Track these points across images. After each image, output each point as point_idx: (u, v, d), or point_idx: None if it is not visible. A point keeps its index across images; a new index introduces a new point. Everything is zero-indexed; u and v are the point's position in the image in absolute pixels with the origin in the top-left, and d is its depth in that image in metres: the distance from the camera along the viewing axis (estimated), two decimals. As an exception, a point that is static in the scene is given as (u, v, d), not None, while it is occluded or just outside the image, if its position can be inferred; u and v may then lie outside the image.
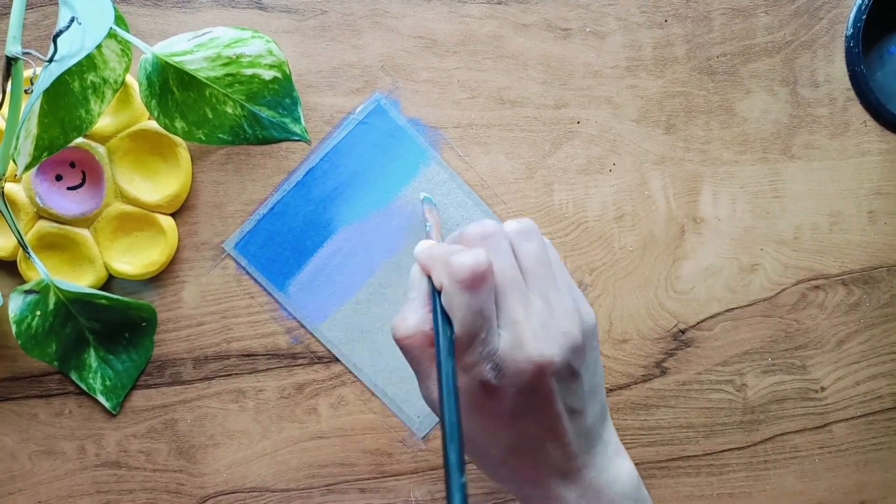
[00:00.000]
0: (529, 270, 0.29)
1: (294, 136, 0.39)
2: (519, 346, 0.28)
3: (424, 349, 0.29)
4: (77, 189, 0.41)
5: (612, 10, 0.43)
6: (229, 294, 0.42)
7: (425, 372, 0.30)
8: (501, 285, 0.29)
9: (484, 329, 0.28)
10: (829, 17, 0.44)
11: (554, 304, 0.29)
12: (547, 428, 0.29)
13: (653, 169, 0.43)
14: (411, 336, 0.29)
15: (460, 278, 0.28)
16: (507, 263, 0.29)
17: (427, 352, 0.30)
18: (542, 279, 0.29)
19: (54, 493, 0.42)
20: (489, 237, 0.30)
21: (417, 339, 0.29)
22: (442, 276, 0.29)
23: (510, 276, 0.29)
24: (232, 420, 0.43)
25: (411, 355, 0.30)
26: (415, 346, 0.29)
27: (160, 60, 0.37)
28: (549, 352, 0.28)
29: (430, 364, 0.30)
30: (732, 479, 0.44)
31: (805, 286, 0.44)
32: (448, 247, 0.30)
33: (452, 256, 0.29)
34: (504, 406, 0.28)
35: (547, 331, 0.28)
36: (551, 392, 0.28)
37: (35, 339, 0.40)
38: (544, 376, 0.28)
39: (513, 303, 0.28)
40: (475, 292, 0.28)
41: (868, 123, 0.44)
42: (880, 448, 0.45)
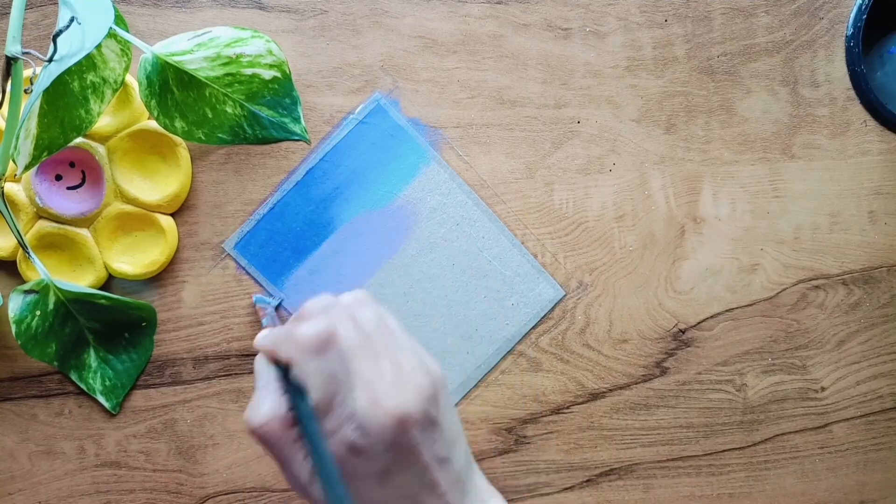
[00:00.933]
0: (371, 335, 0.31)
1: (294, 135, 0.39)
2: (376, 402, 0.29)
3: (283, 433, 0.30)
4: (77, 189, 0.41)
5: (612, 10, 0.43)
6: (229, 294, 0.42)
7: (288, 456, 0.30)
8: (349, 350, 0.30)
9: (340, 391, 0.29)
10: (829, 16, 0.44)
11: (401, 362, 0.30)
12: (420, 481, 0.30)
13: (653, 169, 0.43)
14: (268, 422, 0.30)
15: (307, 346, 0.29)
16: (351, 330, 0.30)
17: (286, 434, 0.30)
18: (385, 342, 0.31)
19: (54, 493, 0.42)
20: (328, 308, 0.31)
21: (274, 424, 0.30)
22: (289, 351, 0.30)
23: (355, 340, 0.30)
24: (232, 420, 0.42)
25: (271, 442, 0.30)
26: (273, 432, 0.30)
27: (160, 60, 0.37)
28: (406, 403, 0.29)
29: (293, 446, 0.30)
30: (732, 479, 0.44)
31: (805, 286, 0.44)
32: (287, 325, 0.32)
33: (295, 330, 0.30)
34: (375, 466, 0.29)
35: (400, 385, 0.29)
36: (417, 444, 0.29)
37: (35, 339, 0.39)
38: (407, 428, 0.29)
39: (363, 364, 0.29)
40: (324, 356, 0.29)
41: (868, 123, 0.44)
42: (880, 448, 0.45)
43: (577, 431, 0.44)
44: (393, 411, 0.28)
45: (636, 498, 0.44)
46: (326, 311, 0.31)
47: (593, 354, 0.43)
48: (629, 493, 0.44)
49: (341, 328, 0.30)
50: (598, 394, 0.44)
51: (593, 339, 0.43)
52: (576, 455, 0.44)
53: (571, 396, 0.43)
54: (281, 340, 0.31)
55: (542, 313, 0.43)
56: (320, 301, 0.32)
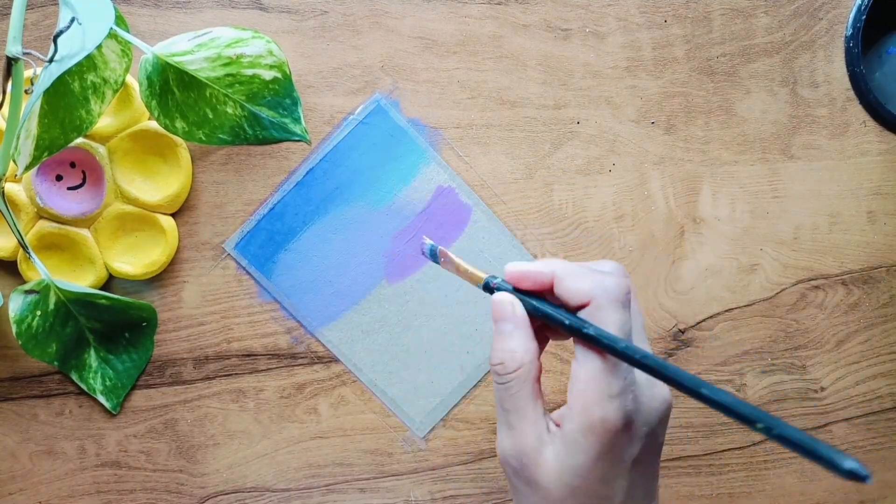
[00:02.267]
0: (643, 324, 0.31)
1: (294, 136, 0.39)
2: (653, 382, 0.28)
3: (528, 383, 0.28)
4: (77, 189, 0.41)
5: (611, 11, 0.43)
6: (230, 294, 0.42)
7: (521, 411, 0.28)
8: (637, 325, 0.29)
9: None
10: (828, 17, 0.44)
11: None
12: (649, 482, 0.29)
13: (652, 169, 0.43)
14: (520, 368, 0.28)
15: (618, 296, 0.27)
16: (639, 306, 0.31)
17: (529, 386, 0.28)
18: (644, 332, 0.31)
19: (55, 493, 0.42)
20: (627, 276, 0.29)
21: (524, 371, 0.28)
22: (593, 290, 0.27)
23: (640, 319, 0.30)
24: (232, 420, 0.43)
25: (513, 390, 0.28)
26: (520, 379, 0.28)
27: (160, 60, 0.37)
28: (670, 395, 0.28)
29: (528, 402, 0.28)
30: (732, 478, 0.44)
31: (805, 286, 0.44)
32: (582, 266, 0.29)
33: (603, 277, 0.28)
34: (631, 450, 0.27)
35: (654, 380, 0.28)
36: (662, 443, 0.28)
37: (35, 339, 0.40)
38: (666, 421, 0.28)
39: (642, 341, 0.29)
40: (626, 313, 0.27)
41: (867, 124, 0.44)
42: (880, 448, 0.45)
43: (576, 431, 0.44)
44: (667, 396, 0.28)
45: (636, 498, 0.44)
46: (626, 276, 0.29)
47: (593, 354, 0.43)
48: (629, 492, 0.44)
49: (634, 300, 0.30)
50: (597, 394, 0.44)
51: (593, 339, 0.43)
52: (575, 455, 0.44)
53: (571, 396, 0.44)
54: (579, 275, 0.28)
55: (541, 313, 0.43)
56: (620, 267, 0.30)
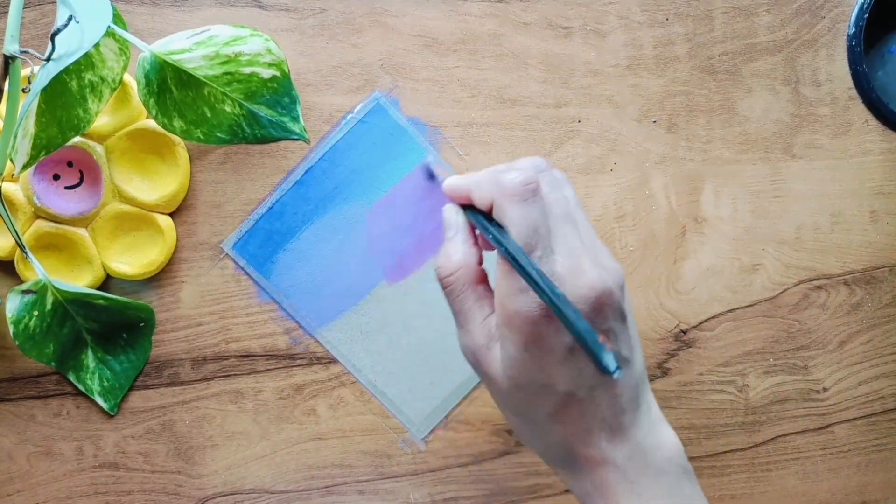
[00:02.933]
0: (574, 211, 0.30)
1: (293, 135, 0.39)
2: (578, 271, 0.27)
3: (469, 285, 0.29)
4: (75, 188, 0.41)
5: (612, 9, 0.43)
6: (228, 294, 0.42)
7: (468, 313, 0.29)
8: (558, 214, 0.28)
9: (539, 246, 0.28)
10: (830, 16, 0.44)
11: (596, 244, 0.29)
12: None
13: (654, 168, 0.43)
14: (456, 272, 0.29)
15: (512, 191, 0.28)
16: (562, 195, 0.29)
17: (472, 289, 0.29)
18: (585, 224, 0.30)
19: (52, 494, 0.42)
20: (542, 170, 0.30)
21: (462, 274, 0.29)
22: (493, 191, 0.29)
23: (564, 207, 0.29)
24: (230, 421, 0.42)
25: (456, 293, 0.29)
26: (460, 282, 0.29)
27: (158, 59, 0.37)
28: (608, 282, 0.27)
29: (475, 304, 0.29)
30: (734, 480, 0.44)
31: (807, 286, 0.44)
32: (488, 170, 0.30)
33: (501, 174, 0.29)
34: (563, 338, 0.27)
35: (600, 264, 0.28)
36: (609, 328, 0.28)
37: (33, 340, 0.39)
38: (603, 307, 0.27)
39: (568, 232, 0.28)
40: (528, 205, 0.28)
41: (870, 123, 0.44)
42: (882, 449, 0.45)
43: (577, 432, 0.43)
44: (596, 284, 0.27)
45: (637, 499, 0.44)
46: (540, 171, 0.30)
47: (594, 355, 0.43)
48: (630, 494, 0.44)
49: (553, 193, 0.29)
50: (598, 394, 0.43)
51: (594, 340, 0.43)
52: (576, 456, 0.43)
53: (572, 397, 0.43)
54: (483, 181, 0.29)
55: (542, 313, 0.43)
56: (535, 160, 0.30)
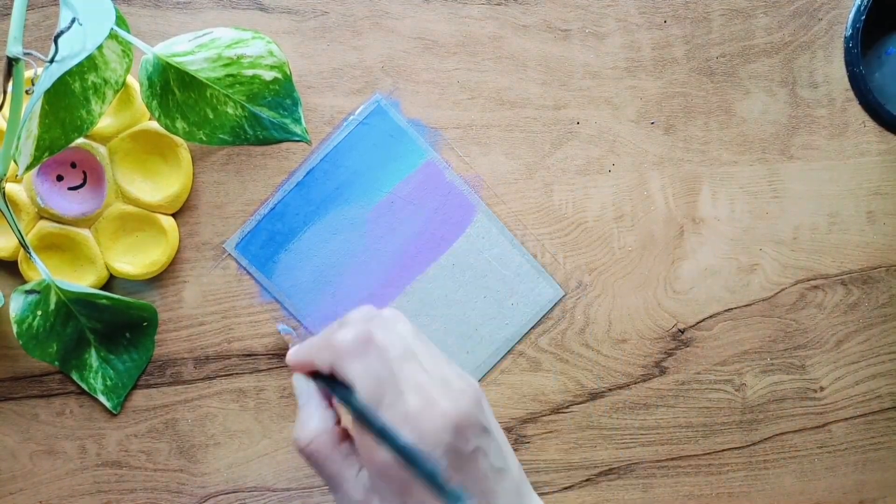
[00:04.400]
0: (412, 345, 0.30)
1: (294, 136, 0.40)
2: (431, 404, 0.27)
3: (333, 448, 0.29)
4: (78, 189, 0.41)
5: (611, 11, 0.43)
6: (230, 294, 0.42)
7: (340, 473, 0.29)
8: (396, 356, 0.29)
9: (387, 394, 0.28)
10: (827, 17, 0.44)
11: (444, 370, 0.29)
12: (480, 491, 0.28)
13: (652, 169, 0.44)
14: (316, 438, 0.29)
15: (347, 349, 0.29)
16: (395, 336, 0.29)
17: (336, 450, 0.29)
18: (425, 351, 0.30)
19: (55, 492, 0.42)
20: (371, 318, 0.30)
21: (324, 439, 0.29)
22: (329, 356, 0.29)
23: (401, 346, 0.29)
24: (233, 420, 0.43)
25: (321, 459, 0.29)
26: (323, 447, 0.29)
27: (161, 61, 0.37)
28: (461, 404, 0.28)
29: (344, 462, 0.29)
30: (731, 478, 0.44)
31: (804, 286, 0.44)
32: (323, 334, 0.31)
33: (331, 336, 0.29)
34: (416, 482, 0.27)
35: (450, 390, 0.28)
36: (475, 448, 0.28)
37: (36, 339, 0.40)
38: (464, 429, 0.27)
39: (411, 369, 0.28)
40: (365, 358, 0.28)
41: (867, 124, 0.44)
42: (879, 448, 0.45)
43: (576, 431, 0.44)
44: (449, 412, 0.27)
45: (635, 497, 0.44)
46: (371, 321, 0.30)
47: (593, 354, 0.44)
48: (628, 492, 0.44)
49: (389, 336, 0.29)
50: (597, 393, 0.44)
51: (593, 339, 0.44)
52: (575, 454, 0.44)
53: (571, 396, 0.44)
54: (319, 347, 0.30)
55: (541, 313, 0.43)
56: (362, 310, 0.31)
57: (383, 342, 0.29)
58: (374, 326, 0.30)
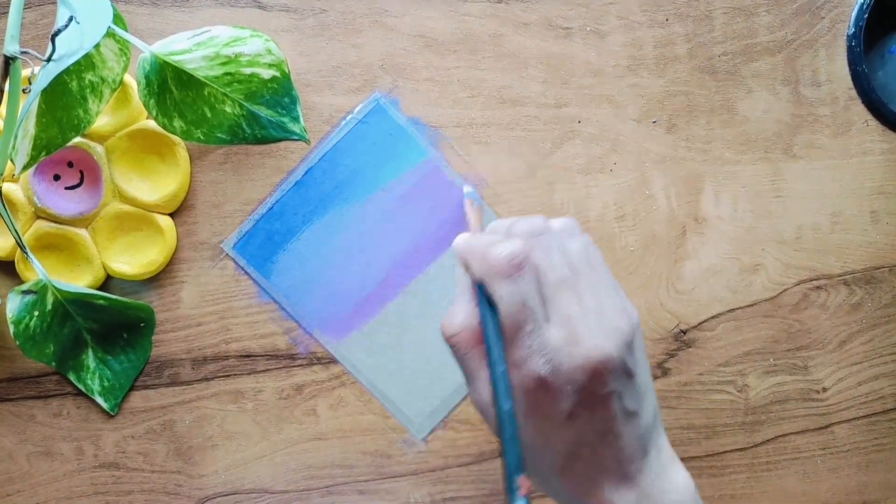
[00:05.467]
0: (577, 268, 0.29)
1: (293, 135, 0.39)
2: (575, 341, 0.27)
3: (473, 347, 0.29)
4: (75, 189, 0.41)
5: (613, 9, 0.43)
6: (228, 294, 0.42)
7: (474, 372, 0.29)
8: (551, 282, 0.28)
9: (529, 320, 0.28)
10: (830, 16, 0.44)
11: (603, 302, 0.29)
12: (603, 430, 0.28)
13: (654, 168, 0.43)
14: (459, 333, 0.29)
15: (498, 268, 0.28)
16: (557, 261, 0.29)
17: (476, 350, 0.29)
18: (590, 276, 0.29)
19: (52, 494, 0.42)
20: (537, 235, 0.30)
21: (465, 336, 0.29)
22: (480, 269, 0.29)
23: (560, 273, 0.28)
24: (230, 421, 0.42)
25: (460, 354, 0.29)
26: (463, 343, 0.29)
27: (158, 59, 0.37)
28: (607, 348, 0.27)
29: (480, 363, 0.29)
30: (734, 480, 0.44)
31: (807, 286, 0.44)
32: (485, 237, 0.30)
33: (489, 247, 0.29)
34: (561, 406, 0.27)
35: (601, 327, 0.28)
36: (609, 392, 0.27)
37: (33, 340, 0.39)
38: (602, 374, 0.27)
39: (564, 299, 0.28)
40: (514, 281, 0.28)
41: (870, 123, 0.44)
42: (882, 449, 0.45)
43: (577, 432, 0.43)
44: (592, 353, 0.27)
45: (637, 499, 0.44)
46: (536, 238, 0.29)
47: (594, 355, 0.43)
48: (630, 494, 0.44)
49: (548, 259, 0.29)
50: (598, 394, 0.43)
51: (594, 340, 0.43)
52: (576, 456, 0.43)
53: (572, 397, 0.43)
54: (475, 254, 0.29)
55: (542, 314, 0.43)
56: (531, 224, 0.30)
57: (541, 265, 0.28)
58: (535, 245, 0.29)
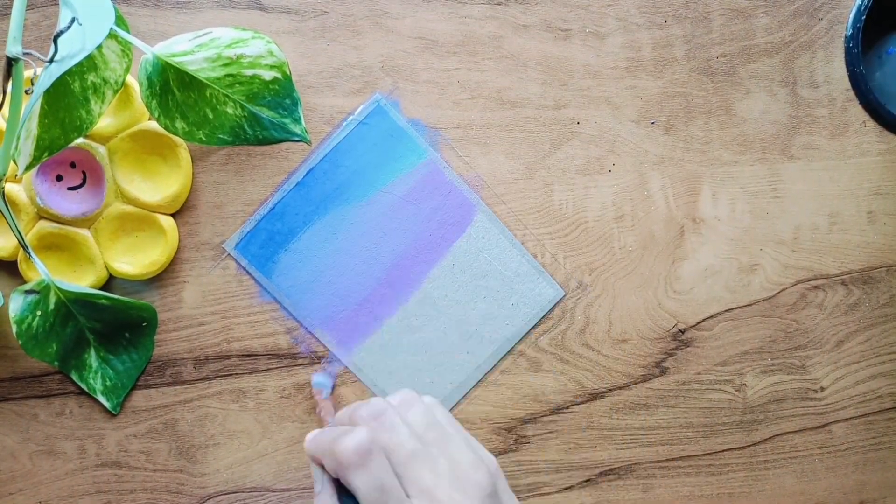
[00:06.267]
0: (423, 437, 0.30)
1: (294, 136, 0.40)
2: None
3: None
4: (77, 189, 0.41)
5: (611, 11, 0.43)
6: (230, 294, 0.42)
7: None
8: (402, 458, 0.29)
9: (392, 499, 0.29)
10: (828, 17, 0.44)
11: (457, 460, 0.30)
12: None
13: (652, 169, 0.43)
14: None
15: (347, 461, 0.29)
16: (404, 436, 0.30)
17: None
18: (439, 441, 0.30)
19: (55, 493, 0.42)
20: (379, 416, 0.31)
21: None
22: (332, 465, 0.30)
23: (408, 447, 0.30)
24: (232, 420, 0.43)
25: None
26: None
27: (161, 61, 0.37)
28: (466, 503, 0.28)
29: None
30: (732, 479, 0.44)
31: (804, 286, 0.44)
32: (331, 431, 0.31)
33: (335, 442, 0.30)
34: None
35: (460, 488, 0.29)
36: None
37: (35, 340, 0.40)
38: None
39: (417, 471, 0.29)
40: (367, 469, 0.29)
41: (867, 124, 0.44)
42: (880, 448, 0.45)
43: (576, 431, 0.44)
44: None
45: (636, 497, 0.44)
46: (378, 419, 0.31)
47: (593, 354, 0.44)
48: (629, 492, 0.44)
49: (394, 437, 0.30)
50: (597, 394, 0.44)
51: (593, 339, 0.44)
52: (575, 455, 0.44)
53: (571, 396, 0.44)
54: (324, 452, 0.31)
55: (541, 313, 0.43)
56: (371, 408, 0.32)
57: (388, 444, 0.30)
58: (378, 428, 0.30)
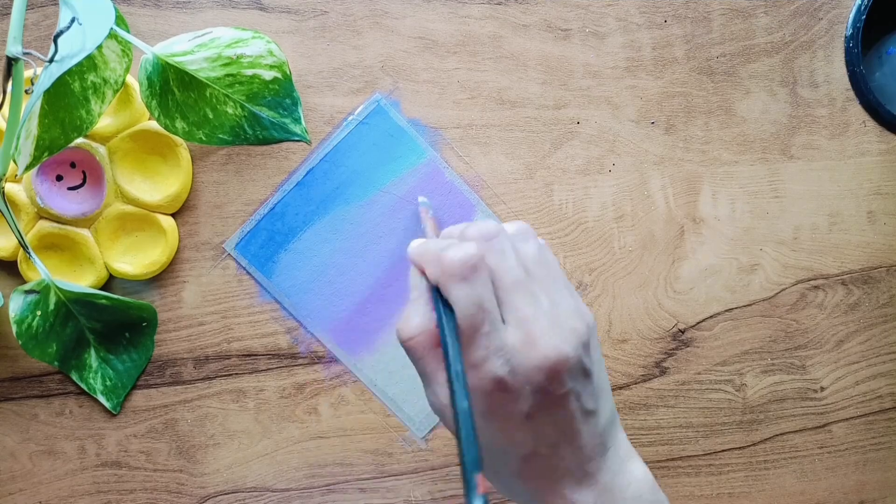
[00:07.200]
0: (531, 270, 0.29)
1: (294, 136, 0.40)
2: (531, 342, 0.27)
3: (430, 349, 0.29)
4: (77, 189, 0.41)
5: (611, 11, 0.43)
6: (230, 294, 0.42)
7: (432, 374, 0.29)
8: (506, 284, 0.28)
9: (486, 322, 0.28)
10: (828, 17, 0.44)
11: (558, 303, 0.29)
12: (562, 430, 0.28)
13: (652, 169, 0.43)
14: (415, 336, 0.29)
15: (452, 271, 0.28)
16: (512, 263, 0.29)
17: (433, 352, 0.29)
18: (544, 279, 0.29)
19: (55, 493, 0.42)
20: (491, 238, 0.30)
21: (422, 339, 0.29)
22: (435, 272, 0.29)
23: (515, 275, 0.29)
24: (232, 420, 0.43)
25: (417, 356, 0.29)
26: (420, 346, 0.29)
27: (161, 61, 0.37)
28: (562, 347, 0.27)
29: (438, 366, 0.29)
30: (732, 478, 0.44)
31: (804, 286, 0.44)
32: (440, 242, 0.30)
33: (443, 251, 0.29)
34: (519, 407, 0.28)
35: (557, 328, 0.28)
36: (567, 391, 0.28)
37: (35, 340, 0.40)
38: (560, 374, 0.27)
39: (519, 300, 0.28)
40: (469, 283, 0.28)
41: (867, 124, 0.44)
42: (880, 448, 0.45)
43: (576, 431, 0.44)
44: (549, 353, 0.27)
45: (636, 498, 0.44)
46: (489, 242, 0.29)
47: (593, 354, 0.44)
48: (629, 492, 0.44)
49: (502, 262, 0.29)
50: (597, 394, 0.44)
51: (593, 339, 0.43)
52: (575, 455, 0.44)
53: (571, 396, 0.44)
54: (430, 258, 0.30)
55: (541, 313, 0.43)
56: (485, 228, 0.30)
57: (496, 267, 0.28)
58: (489, 248, 0.29)
